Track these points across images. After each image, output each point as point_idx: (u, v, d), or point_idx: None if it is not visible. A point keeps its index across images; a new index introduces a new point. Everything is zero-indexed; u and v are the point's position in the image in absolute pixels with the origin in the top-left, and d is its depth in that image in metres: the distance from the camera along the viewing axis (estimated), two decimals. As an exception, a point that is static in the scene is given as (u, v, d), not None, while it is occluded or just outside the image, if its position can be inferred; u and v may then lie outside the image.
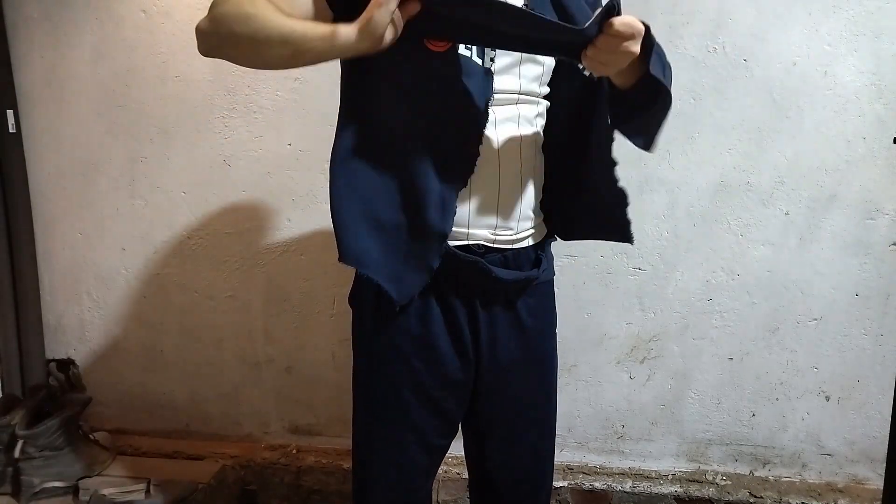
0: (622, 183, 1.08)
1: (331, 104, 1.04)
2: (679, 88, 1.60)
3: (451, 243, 0.97)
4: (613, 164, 1.05)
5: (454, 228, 0.97)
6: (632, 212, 1.65)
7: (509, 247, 1.02)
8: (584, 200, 1.08)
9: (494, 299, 1.03)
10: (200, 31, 0.90)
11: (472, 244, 0.99)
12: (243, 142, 1.74)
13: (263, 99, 1.71)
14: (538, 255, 1.06)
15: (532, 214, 1.04)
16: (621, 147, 1.62)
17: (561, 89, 1.05)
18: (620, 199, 1.05)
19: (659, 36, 1.57)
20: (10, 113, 1.75)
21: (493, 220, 0.99)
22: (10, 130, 1.76)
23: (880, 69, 1.55)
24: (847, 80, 1.56)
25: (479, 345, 1.04)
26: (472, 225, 0.98)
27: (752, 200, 1.64)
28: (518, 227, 1.02)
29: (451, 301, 1.01)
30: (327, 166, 1.09)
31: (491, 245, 1.00)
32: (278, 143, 1.73)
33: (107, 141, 1.79)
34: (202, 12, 1.80)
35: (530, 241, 1.05)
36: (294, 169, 1.73)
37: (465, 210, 0.97)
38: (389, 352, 1.03)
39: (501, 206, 0.99)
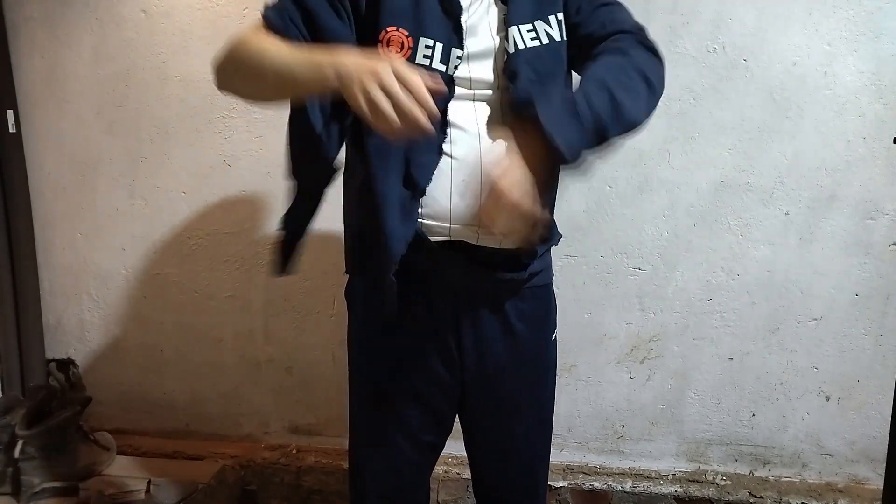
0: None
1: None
2: (679, 88, 1.60)
3: (434, 238, 0.98)
4: None
5: (436, 223, 0.97)
6: (632, 212, 1.66)
7: (495, 246, 1.01)
8: None
9: (479, 299, 1.03)
10: (214, 65, 0.95)
11: (455, 240, 0.99)
12: (243, 142, 1.74)
13: (263, 99, 1.71)
14: (529, 259, 1.04)
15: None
16: (621, 147, 1.63)
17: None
18: None
19: (659, 36, 1.58)
20: (10, 113, 1.75)
21: (475, 219, 0.98)
22: (10, 130, 1.76)
23: (880, 69, 1.55)
24: (847, 80, 1.56)
25: (464, 345, 1.04)
26: (454, 221, 0.98)
27: (752, 200, 1.64)
28: None
29: (434, 297, 1.02)
30: (327, 166, 1.10)
31: (475, 244, 1.00)
32: (278, 143, 1.72)
33: (107, 141, 1.79)
34: (202, 12, 1.82)
35: (520, 244, 1.03)
36: (294, 169, 1.73)
37: (447, 206, 0.97)
38: (376, 345, 1.06)
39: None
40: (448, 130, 0.96)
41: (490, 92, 0.98)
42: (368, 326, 1.07)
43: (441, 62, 0.95)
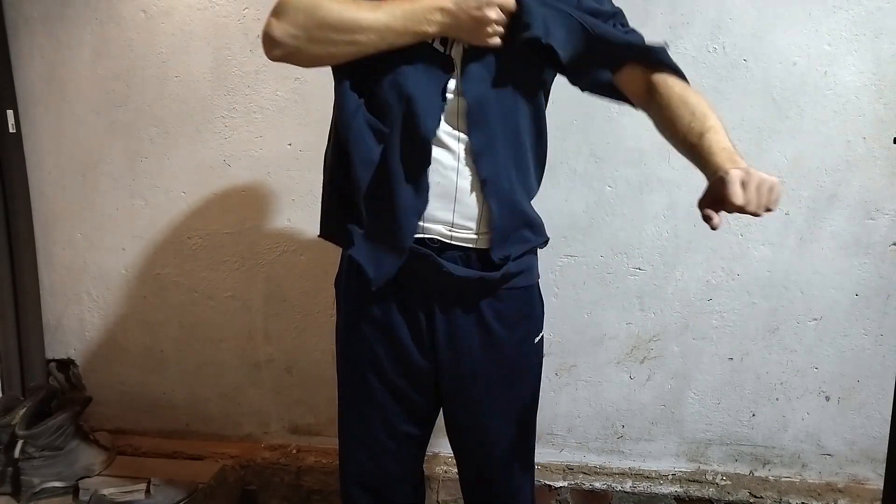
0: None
1: (330, 104, 1.04)
2: (679, 88, 1.60)
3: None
4: None
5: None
6: (632, 212, 1.66)
7: (470, 245, 1.01)
8: None
9: (453, 298, 1.03)
10: (277, 33, 0.92)
11: (427, 238, 1.00)
12: (243, 142, 1.74)
13: (263, 99, 1.71)
14: (505, 259, 1.03)
15: (502, 216, 1.02)
16: (620, 148, 1.63)
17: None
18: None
19: (659, 36, 1.58)
20: (10, 113, 1.75)
21: (448, 216, 0.99)
22: (10, 130, 1.76)
23: (880, 69, 1.55)
24: (847, 80, 1.56)
25: (437, 341, 1.04)
26: (427, 219, 0.99)
27: (752, 200, 1.63)
28: (479, 226, 1.01)
29: (408, 293, 1.03)
30: (327, 166, 1.10)
31: (448, 241, 1.00)
32: (278, 143, 1.73)
33: (107, 141, 1.79)
34: (202, 12, 1.82)
35: (495, 243, 1.02)
36: (294, 169, 1.73)
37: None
38: (356, 337, 1.08)
39: (459, 203, 0.99)
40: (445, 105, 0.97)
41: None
42: (349, 316, 1.09)
43: (440, 42, 0.96)
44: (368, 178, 0.97)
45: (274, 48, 0.93)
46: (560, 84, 1.07)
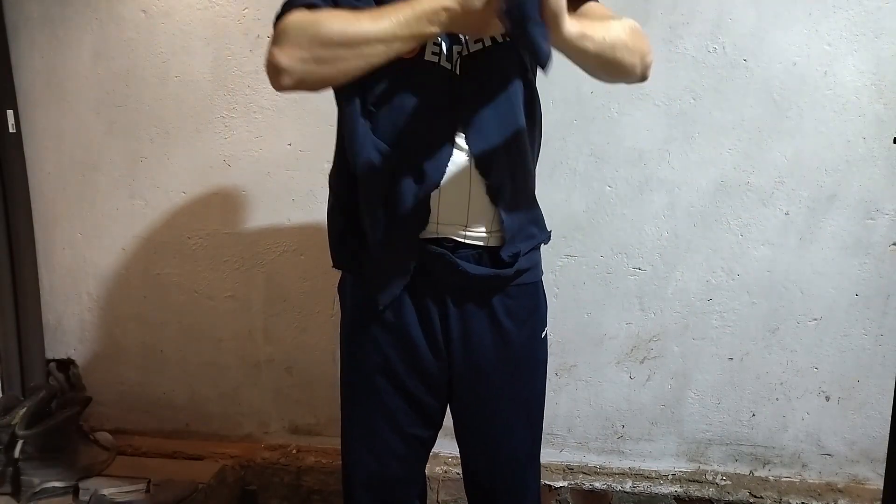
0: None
1: (330, 104, 1.05)
2: (679, 88, 1.60)
3: (420, 235, 1.00)
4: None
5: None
6: (632, 212, 1.66)
7: (482, 244, 1.02)
8: None
9: (467, 295, 1.04)
10: (281, 62, 0.86)
11: (442, 237, 1.01)
12: (243, 142, 1.74)
13: (263, 99, 1.71)
14: (515, 255, 1.04)
15: (510, 214, 1.03)
16: (620, 148, 1.63)
17: None
18: None
19: (659, 36, 1.59)
20: (10, 113, 1.75)
21: (462, 217, 1.00)
22: (10, 130, 1.76)
23: (880, 69, 1.55)
24: (847, 80, 1.56)
25: (451, 339, 1.05)
26: (441, 220, 1.00)
27: (752, 200, 1.64)
28: (491, 225, 1.02)
29: (422, 293, 1.03)
30: (327, 166, 1.10)
31: (462, 241, 1.01)
32: (278, 143, 1.73)
33: (107, 141, 1.79)
34: (202, 12, 1.81)
35: (506, 241, 1.04)
36: (294, 169, 1.73)
37: (435, 204, 0.99)
38: (365, 339, 1.08)
39: (473, 204, 1.00)
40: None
41: None
42: (356, 319, 1.09)
43: (447, 60, 0.97)
44: (381, 206, 0.98)
45: (282, 77, 0.87)
46: (560, 85, 1.07)
